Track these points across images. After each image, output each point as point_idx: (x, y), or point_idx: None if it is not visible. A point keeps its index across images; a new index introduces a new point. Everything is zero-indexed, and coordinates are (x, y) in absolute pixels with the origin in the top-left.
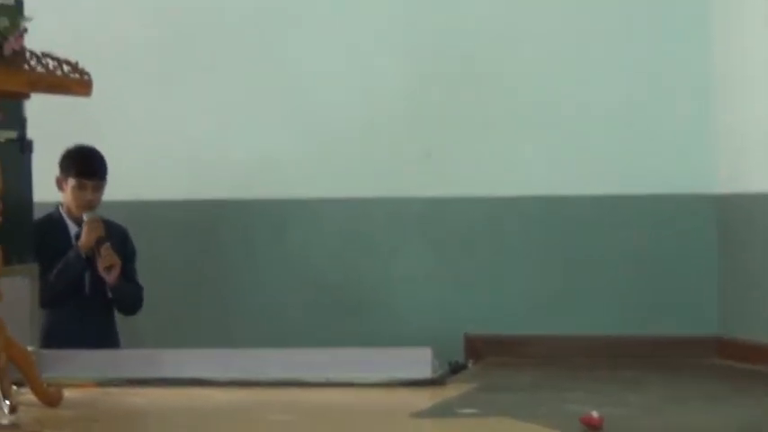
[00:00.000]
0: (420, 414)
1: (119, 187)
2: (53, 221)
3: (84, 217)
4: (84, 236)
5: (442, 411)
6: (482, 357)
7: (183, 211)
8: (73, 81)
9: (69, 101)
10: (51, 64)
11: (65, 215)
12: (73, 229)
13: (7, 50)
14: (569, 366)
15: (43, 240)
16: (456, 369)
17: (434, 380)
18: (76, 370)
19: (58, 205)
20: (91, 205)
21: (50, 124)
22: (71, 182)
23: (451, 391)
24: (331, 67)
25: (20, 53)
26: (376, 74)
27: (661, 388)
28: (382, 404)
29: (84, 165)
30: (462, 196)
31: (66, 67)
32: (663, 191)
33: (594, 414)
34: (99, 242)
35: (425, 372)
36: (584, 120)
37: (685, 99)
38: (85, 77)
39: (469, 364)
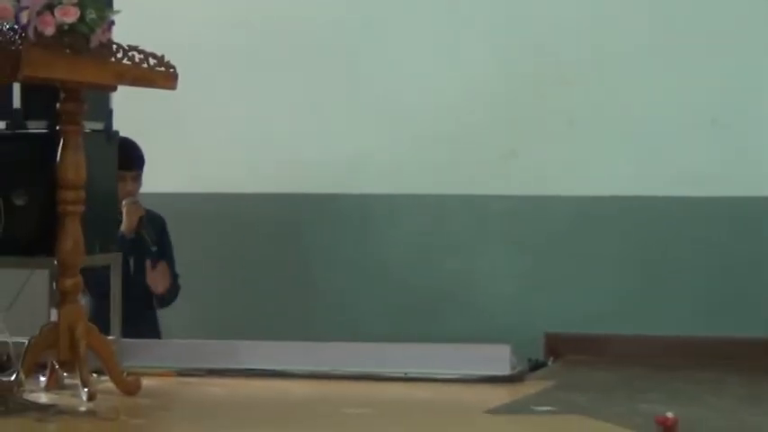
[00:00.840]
0: (495, 410)
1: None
2: None
3: (124, 203)
4: (125, 219)
5: (517, 408)
6: (562, 356)
7: (272, 205)
8: (159, 74)
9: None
10: (137, 57)
11: None
12: None
13: (94, 42)
14: (648, 367)
15: None
16: (535, 367)
17: (512, 376)
18: (156, 359)
19: None
20: (130, 195)
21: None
22: None
23: (529, 389)
24: (421, 67)
25: (107, 45)
26: (464, 73)
27: (739, 389)
28: (458, 400)
29: (124, 156)
30: (545, 195)
31: (152, 61)
32: (745, 193)
33: (669, 415)
34: (140, 223)
35: (504, 368)
36: (670, 121)
37: (762, 103)
38: (171, 71)
39: (549, 362)
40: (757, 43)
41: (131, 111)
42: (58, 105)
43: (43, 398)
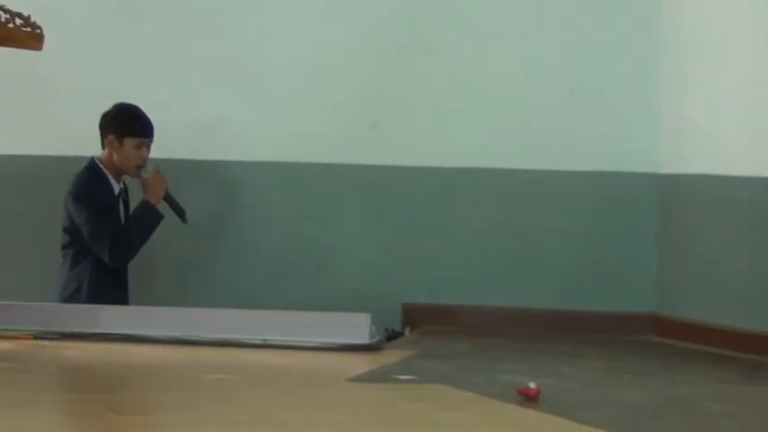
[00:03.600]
0: (357, 378)
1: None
2: (101, 177)
3: (144, 173)
4: (153, 188)
5: (379, 376)
6: (418, 326)
7: None
8: (25, 35)
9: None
10: (3, 17)
11: (107, 172)
12: (116, 186)
13: None
14: (506, 338)
15: (96, 193)
16: (392, 336)
17: (371, 345)
18: (13, 321)
19: (95, 160)
20: (144, 162)
21: None
22: (131, 141)
23: (389, 358)
24: (283, 34)
25: None
26: (326, 42)
27: (596, 362)
28: (318, 367)
29: (145, 124)
30: (408, 166)
31: (18, 21)
32: (606, 168)
33: (532, 385)
34: (168, 193)
35: (363, 337)
36: (533, 95)
37: (631, 79)
38: (38, 32)
39: (406, 332)
40: (615, 17)
41: None
42: None
43: None
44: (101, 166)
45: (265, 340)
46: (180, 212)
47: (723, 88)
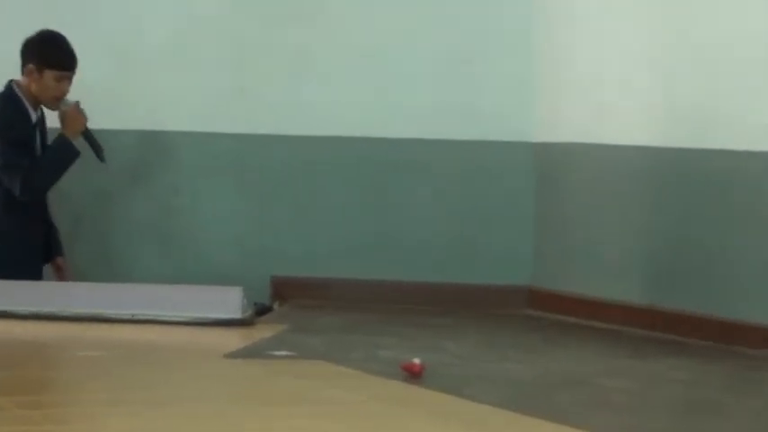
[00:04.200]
0: (233, 355)
1: None
2: (18, 104)
3: (63, 105)
4: (70, 123)
5: (255, 352)
6: (287, 300)
7: None
8: None
9: None
10: None
11: (24, 100)
12: (33, 115)
13: None
14: (381, 312)
15: (12, 122)
16: (262, 311)
17: (243, 320)
18: None
19: (12, 85)
20: (64, 96)
21: None
22: (51, 73)
23: (261, 333)
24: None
25: None
26: (191, 7)
27: (476, 336)
28: (192, 343)
29: (69, 56)
30: (275, 134)
31: None
32: (481, 138)
33: (416, 361)
34: (86, 129)
35: (235, 311)
36: (406, 64)
37: (506, 46)
38: None
39: (275, 306)
40: None
41: None
42: None
43: None
44: (18, 92)
45: (134, 315)
46: (98, 150)
47: (603, 52)
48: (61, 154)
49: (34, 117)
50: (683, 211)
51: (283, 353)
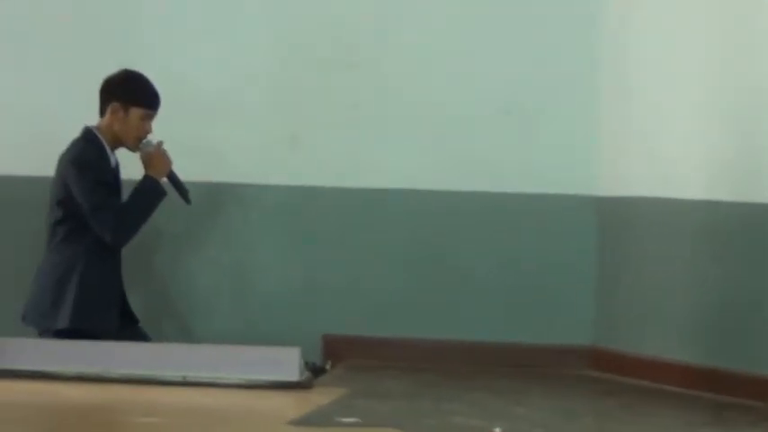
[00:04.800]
0: (299, 422)
1: None
2: (99, 146)
3: (145, 146)
4: (159, 165)
5: (321, 419)
6: (340, 360)
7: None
8: None
9: None
10: None
11: (104, 143)
12: (112, 159)
13: None
14: (441, 373)
15: (99, 163)
16: (316, 372)
17: (301, 383)
18: None
19: (91, 129)
20: (148, 136)
21: None
22: (137, 111)
23: (321, 397)
24: (199, 48)
25: None
26: (243, 54)
27: (544, 401)
28: (250, 408)
29: (155, 96)
30: (329, 186)
31: None
32: (542, 190)
33: (497, 431)
34: (171, 172)
35: (293, 374)
36: (464, 113)
37: (569, 98)
38: None
39: (327, 366)
40: (551, 31)
41: None
42: None
43: None
44: (98, 135)
45: (186, 377)
46: (183, 192)
47: (668, 106)
48: (150, 193)
49: (113, 161)
50: (750, 268)
51: (351, 419)
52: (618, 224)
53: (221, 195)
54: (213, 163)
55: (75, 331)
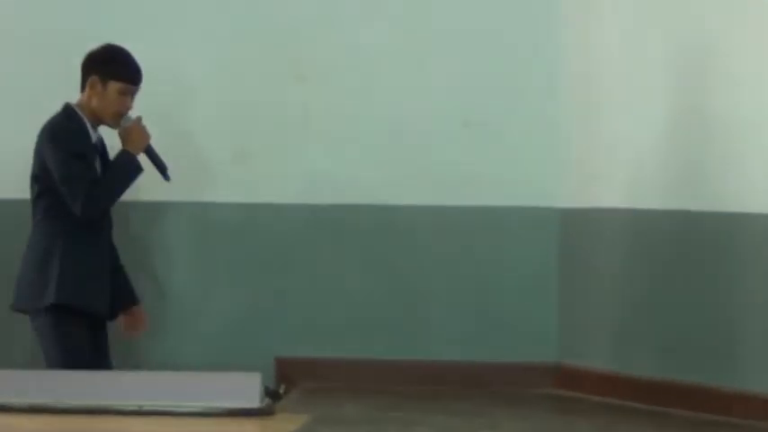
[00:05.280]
0: None
1: None
2: (78, 122)
3: (125, 122)
4: (137, 140)
5: None
6: (294, 384)
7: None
8: None
9: None
10: None
11: (84, 119)
12: (93, 135)
13: None
14: (399, 396)
15: (74, 136)
16: (271, 397)
17: (263, 410)
18: None
19: (70, 105)
20: (127, 112)
21: None
22: (115, 86)
23: (283, 424)
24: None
25: None
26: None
27: (513, 422)
28: None
29: (135, 70)
30: (276, 203)
31: None
32: (501, 203)
33: None
34: (150, 147)
35: (254, 400)
36: (421, 126)
37: (529, 108)
38: None
39: (281, 391)
40: (512, 40)
41: None
42: None
43: None
44: (77, 111)
45: (141, 406)
46: (162, 168)
47: (633, 115)
48: (126, 168)
49: (94, 137)
50: (721, 280)
51: None
52: (581, 236)
53: (164, 214)
54: (154, 179)
55: (63, 309)
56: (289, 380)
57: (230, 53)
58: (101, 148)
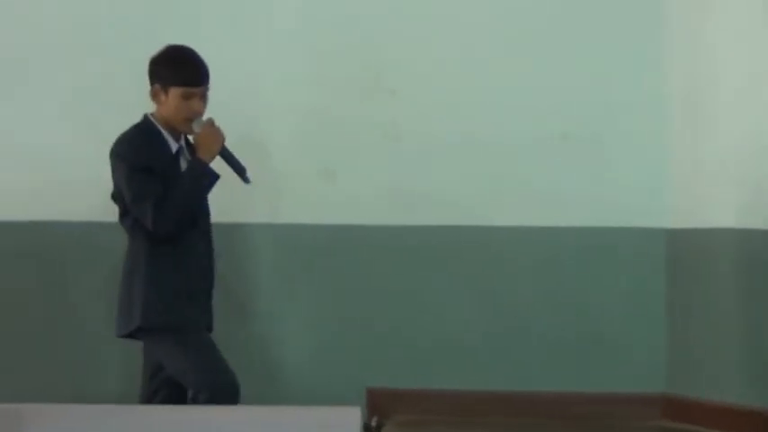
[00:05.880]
0: None
1: None
2: (152, 134)
3: (197, 127)
4: (208, 144)
5: None
6: (387, 415)
7: None
8: None
9: None
10: None
11: (162, 129)
12: (173, 145)
13: None
14: (499, 428)
15: (139, 149)
16: (366, 430)
17: None
18: None
19: (146, 116)
20: (197, 116)
21: None
22: (176, 91)
23: None
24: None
25: None
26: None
27: None
28: None
29: (194, 69)
30: (369, 224)
31: None
32: (605, 223)
33: None
34: (225, 150)
35: None
36: (516, 140)
37: (635, 120)
38: None
39: (373, 423)
40: (619, 63)
41: None
42: None
43: None
44: (153, 121)
45: None
46: (240, 170)
47: (747, 128)
48: (196, 176)
49: (174, 146)
50: None
51: None
52: (690, 258)
53: (245, 236)
54: (236, 201)
55: (154, 330)
56: (381, 412)
57: (316, 67)
58: (186, 154)
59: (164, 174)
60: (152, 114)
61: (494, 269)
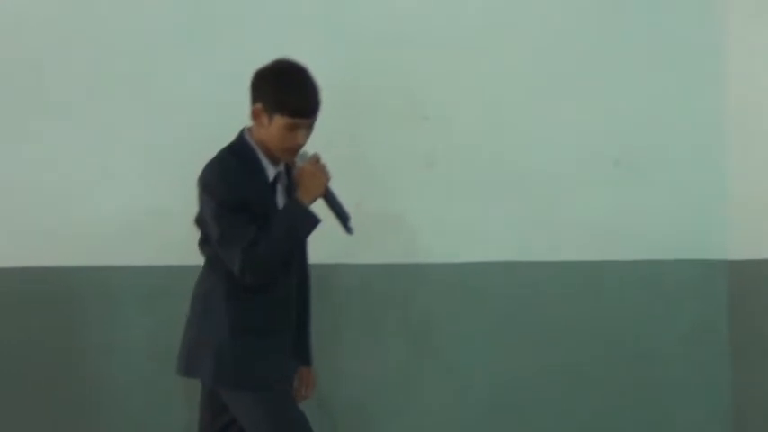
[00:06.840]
0: None
1: None
2: (248, 156)
3: (300, 160)
4: (311, 185)
5: None
6: None
7: None
8: None
9: None
10: None
11: (259, 152)
12: (271, 172)
13: None
14: None
15: (232, 181)
16: None
17: None
18: None
19: (245, 134)
20: (301, 147)
21: None
22: (281, 120)
23: None
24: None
25: None
26: None
27: None
28: None
29: (305, 100)
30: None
31: None
32: (661, 256)
33: None
34: (328, 192)
35: None
36: (567, 170)
37: (693, 145)
38: None
39: None
40: (671, 70)
41: None
42: None
43: None
44: (250, 142)
45: None
46: (343, 217)
47: None
48: (294, 220)
49: (272, 172)
50: None
51: None
52: (755, 292)
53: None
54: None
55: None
56: None
57: (350, 95)
58: (285, 181)
59: (258, 203)
60: (249, 131)
61: (541, 310)
